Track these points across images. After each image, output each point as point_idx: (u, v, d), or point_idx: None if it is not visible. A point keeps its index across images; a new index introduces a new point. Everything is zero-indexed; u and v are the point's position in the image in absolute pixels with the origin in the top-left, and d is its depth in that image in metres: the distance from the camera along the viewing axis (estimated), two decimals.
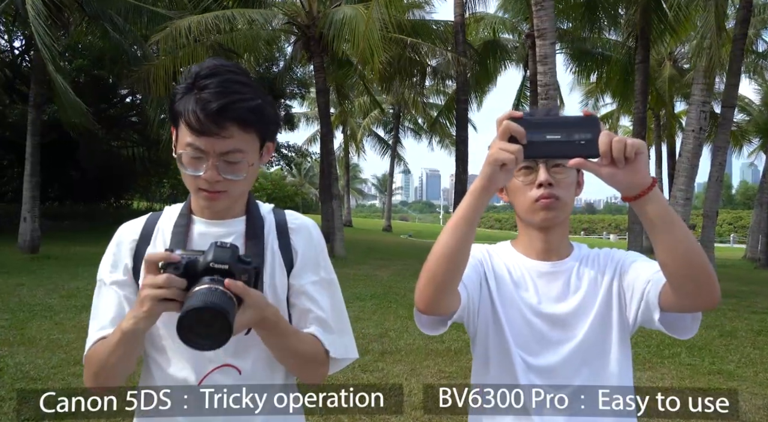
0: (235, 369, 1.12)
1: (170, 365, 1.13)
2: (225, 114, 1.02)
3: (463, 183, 14.30)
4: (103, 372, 1.07)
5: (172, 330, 1.09)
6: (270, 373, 1.16)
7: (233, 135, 1.04)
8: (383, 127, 35.07)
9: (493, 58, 18.25)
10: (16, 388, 4.12)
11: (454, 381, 4.75)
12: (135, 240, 1.18)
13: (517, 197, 1.27)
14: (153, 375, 1.15)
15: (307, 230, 1.23)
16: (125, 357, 1.05)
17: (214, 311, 0.89)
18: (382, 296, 8.90)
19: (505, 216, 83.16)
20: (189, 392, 1.10)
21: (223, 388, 1.11)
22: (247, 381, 1.12)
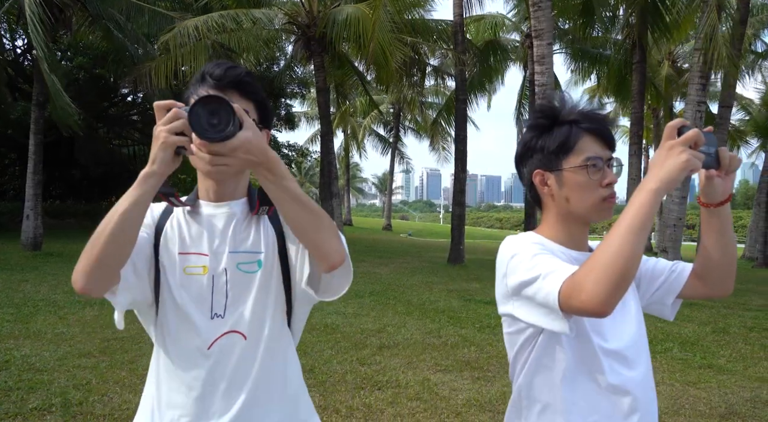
0: (240, 334, 1.23)
1: (183, 334, 1.24)
2: (225, 78, 1.22)
3: (462, 181, 14.39)
4: (106, 232, 1.07)
5: (183, 300, 1.23)
6: (272, 339, 1.26)
7: (235, 100, 1.15)
8: (384, 126, 35.18)
9: (495, 57, 18.34)
10: (23, 379, 4.24)
11: (450, 375, 4.87)
12: (158, 213, 1.31)
13: (581, 193, 1.26)
14: (166, 344, 1.26)
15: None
16: (135, 206, 1.07)
17: (219, 99, 0.99)
18: (381, 293, 9.02)
19: (506, 215, 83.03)
20: (199, 356, 1.22)
21: (229, 352, 1.22)
22: (252, 345, 1.24)
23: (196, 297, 1.23)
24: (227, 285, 1.23)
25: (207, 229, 1.26)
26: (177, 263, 1.24)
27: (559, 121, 1.29)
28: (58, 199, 24.30)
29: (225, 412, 1.22)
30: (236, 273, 1.24)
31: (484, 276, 12.11)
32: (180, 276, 1.24)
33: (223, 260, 1.24)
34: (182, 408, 1.23)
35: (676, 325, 7.45)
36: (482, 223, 75.30)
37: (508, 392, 4.65)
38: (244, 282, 1.24)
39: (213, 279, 1.23)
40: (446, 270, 13.16)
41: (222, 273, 1.23)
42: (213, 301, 1.23)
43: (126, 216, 1.06)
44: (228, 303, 1.23)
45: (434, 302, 8.48)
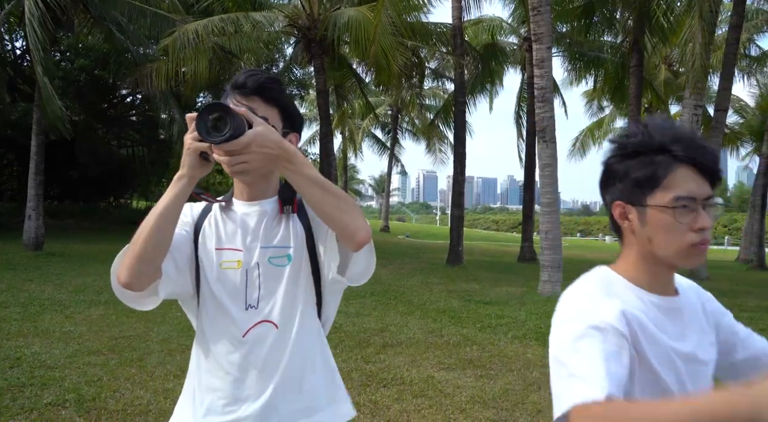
0: (272, 324, 1.33)
1: (219, 323, 1.34)
2: (248, 83, 1.31)
3: (460, 183, 14.50)
4: (146, 232, 1.18)
5: (219, 292, 1.33)
6: (302, 328, 1.36)
7: (258, 108, 1.29)
8: (381, 128, 35.29)
9: (494, 60, 18.47)
10: (36, 375, 4.32)
11: (454, 372, 4.97)
12: (198, 213, 1.41)
13: (666, 236, 1.07)
14: (205, 332, 1.36)
15: None
16: (170, 207, 1.18)
17: (220, 105, 1.11)
18: (382, 293, 9.10)
19: (502, 217, 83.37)
20: (235, 344, 1.32)
21: (262, 339, 1.32)
22: (283, 333, 1.33)
23: (231, 290, 1.33)
24: (260, 278, 1.33)
25: (241, 227, 1.36)
26: (213, 258, 1.35)
27: (649, 147, 1.08)
28: (56, 200, 24.31)
29: (259, 395, 1.31)
30: (268, 267, 1.33)
31: (482, 277, 12.21)
32: (217, 270, 1.34)
33: (256, 255, 1.34)
34: (220, 391, 1.32)
35: None
36: (479, 225, 75.53)
37: (511, 389, 4.74)
38: (275, 276, 1.34)
39: (246, 273, 1.33)
40: (445, 271, 13.26)
41: (255, 267, 1.33)
42: (247, 293, 1.33)
43: (162, 216, 1.18)
44: (261, 295, 1.33)
45: (435, 302, 8.58)
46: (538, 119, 9.87)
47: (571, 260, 19.11)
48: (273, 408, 1.31)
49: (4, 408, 3.68)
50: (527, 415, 4.04)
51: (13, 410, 3.65)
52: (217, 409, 1.32)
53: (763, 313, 8.96)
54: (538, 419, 3.98)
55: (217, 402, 1.32)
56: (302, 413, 1.35)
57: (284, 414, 1.32)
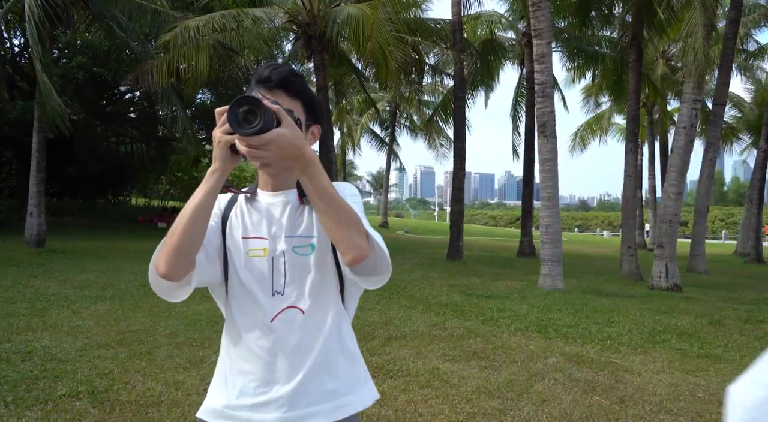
0: (299, 309, 1.39)
1: (248, 309, 1.40)
2: (272, 77, 1.35)
3: (460, 179, 14.56)
4: (182, 224, 1.21)
5: (247, 280, 1.39)
6: (327, 312, 1.42)
7: (283, 101, 1.31)
8: (380, 124, 35.32)
9: (493, 55, 18.51)
10: (48, 368, 4.38)
11: (458, 364, 5.04)
12: (224, 204, 1.46)
13: None
14: (235, 318, 1.41)
15: (340, 186, 1.47)
16: (205, 199, 1.22)
17: (253, 99, 1.13)
18: (384, 288, 9.13)
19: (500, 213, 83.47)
20: (263, 329, 1.38)
21: (289, 324, 1.38)
22: (309, 318, 1.39)
23: (258, 277, 1.39)
24: (285, 265, 1.38)
25: (266, 216, 1.42)
26: (241, 247, 1.40)
27: None
28: (55, 197, 24.32)
29: (289, 377, 1.37)
30: (293, 256, 1.39)
31: (483, 272, 12.30)
32: (244, 258, 1.40)
33: (281, 243, 1.39)
34: (251, 374, 1.38)
35: (674, 318, 7.66)
36: (476, 221, 75.66)
37: (515, 380, 4.83)
38: (300, 264, 1.39)
39: (272, 260, 1.39)
40: (446, 266, 13.34)
41: (280, 255, 1.39)
42: (273, 280, 1.38)
43: (197, 209, 1.22)
44: (286, 282, 1.38)
45: (437, 296, 8.65)
46: (538, 114, 9.94)
47: (570, 255, 19.20)
48: (303, 391, 1.37)
49: (20, 399, 3.73)
50: (532, 404, 4.11)
51: (28, 401, 3.71)
52: (249, 391, 1.38)
53: (761, 305, 9.06)
54: (542, 408, 4.05)
55: (249, 385, 1.38)
56: (331, 395, 1.41)
57: (314, 396, 1.38)
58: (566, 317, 7.38)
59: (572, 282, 10.86)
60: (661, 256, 10.59)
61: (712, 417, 4.03)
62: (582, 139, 29.03)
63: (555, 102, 10.40)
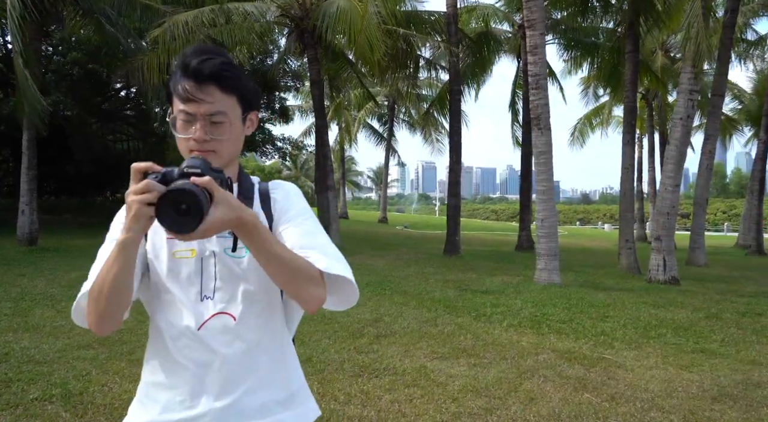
0: (230, 316, 1.25)
1: (173, 315, 1.26)
2: (203, 70, 1.19)
3: (457, 173, 14.43)
4: (102, 296, 1.11)
5: (172, 283, 1.26)
6: (263, 321, 1.29)
7: (215, 99, 1.20)
8: (378, 119, 35.14)
9: (488, 48, 18.33)
10: (23, 371, 4.27)
11: (447, 362, 4.93)
12: None
13: None
14: (159, 326, 1.28)
15: (284, 187, 1.37)
16: (122, 271, 1.09)
17: (184, 193, 0.98)
18: (378, 284, 9.06)
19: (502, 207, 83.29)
20: (191, 337, 1.24)
21: (219, 332, 1.25)
22: (242, 326, 1.26)
23: (185, 280, 1.26)
24: (215, 267, 1.25)
25: None
26: (165, 248, 1.27)
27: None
28: (53, 195, 24.23)
29: (219, 391, 1.24)
30: (224, 257, 1.25)
31: (479, 267, 12.19)
32: (169, 260, 1.26)
33: (211, 243, 1.26)
34: (178, 387, 1.25)
35: (670, 311, 7.54)
36: (478, 215, 75.52)
37: (504, 378, 4.71)
38: (232, 267, 1.26)
39: (201, 261, 1.26)
40: (442, 261, 13.23)
41: (210, 256, 1.25)
42: (202, 284, 1.25)
43: (116, 281, 1.10)
44: (217, 285, 1.25)
45: (430, 292, 8.54)
46: (532, 106, 9.80)
47: (569, 248, 19.09)
48: (236, 407, 1.25)
49: None
50: (519, 403, 4.00)
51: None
52: (175, 406, 1.25)
53: (760, 298, 8.94)
54: (530, 407, 3.94)
55: (175, 399, 1.25)
56: (265, 410, 1.28)
57: (247, 411, 1.26)
58: (561, 312, 7.27)
59: (569, 277, 10.74)
60: (658, 249, 10.46)
61: (704, 414, 3.92)
62: (581, 132, 28.84)
63: (551, 94, 10.26)
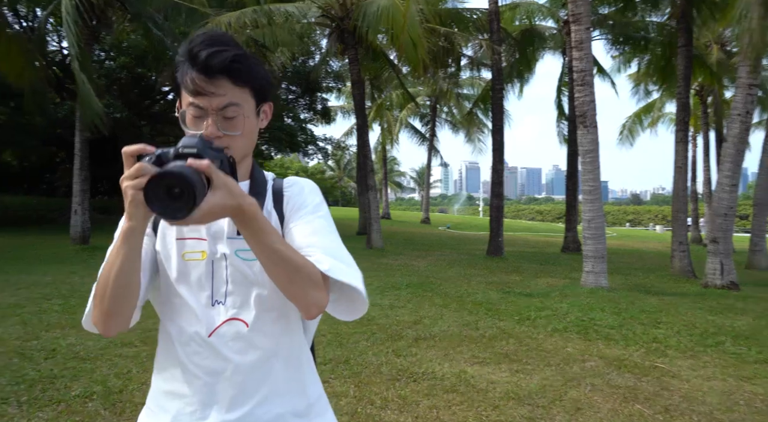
0: (242, 322, 1.17)
1: (183, 320, 1.19)
2: (213, 64, 1.10)
3: (499, 173, 14.14)
4: (107, 291, 1.04)
5: (182, 286, 1.18)
6: (278, 328, 1.20)
7: (227, 91, 1.11)
8: (420, 119, 34.95)
9: (532, 45, 17.92)
10: (68, 367, 4.36)
11: (488, 367, 4.76)
12: None
13: None
14: (169, 332, 1.21)
15: (299, 184, 1.27)
16: (127, 263, 1.02)
17: (175, 176, 0.88)
18: (418, 285, 8.94)
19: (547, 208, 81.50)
20: (201, 343, 1.17)
21: (231, 340, 1.16)
22: (255, 333, 1.17)
23: (195, 284, 1.18)
24: (227, 270, 1.18)
25: None
26: (175, 249, 1.20)
27: None
28: (105, 195, 25.11)
29: (231, 401, 1.16)
30: (236, 260, 1.17)
31: (523, 269, 11.89)
32: (178, 262, 1.19)
33: (222, 245, 1.18)
34: (187, 397, 1.18)
35: (729, 318, 7.12)
36: (523, 216, 74.30)
37: (548, 385, 4.49)
38: (245, 270, 1.18)
39: (213, 264, 1.18)
40: (485, 262, 12.99)
41: (221, 259, 1.18)
42: (213, 288, 1.18)
43: (121, 274, 1.03)
44: (228, 290, 1.17)
45: (472, 294, 8.36)
46: (577, 103, 9.48)
47: (617, 251, 18.47)
48: (247, 417, 1.17)
49: (34, 399, 3.70)
50: (565, 413, 3.81)
51: (42, 401, 3.67)
52: (185, 417, 1.18)
53: None
54: (576, 417, 3.75)
55: (185, 410, 1.18)
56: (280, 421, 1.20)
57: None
58: (609, 317, 6.96)
59: (618, 280, 10.34)
60: (715, 252, 9.94)
61: None
62: (631, 130, 27.88)
63: (599, 91, 9.89)
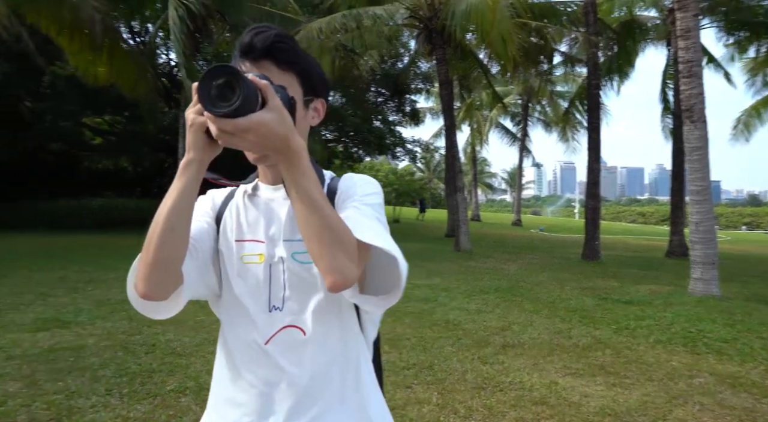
0: (299, 330, 1.13)
1: (240, 326, 1.16)
2: (256, 43, 1.07)
3: (595, 173, 13.43)
4: (156, 233, 0.98)
5: (241, 290, 1.15)
6: (336, 337, 1.15)
7: (272, 75, 1.06)
8: (511, 118, 34.09)
9: (632, 37, 16.88)
10: (165, 362, 4.59)
11: (581, 379, 4.47)
12: (220, 200, 1.25)
13: None
14: (226, 337, 1.19)
15: (352, 178, 1.20)
16: (180, 198, 0.98)
17: (230, 70, 0.86)
18: (507, 290, 8.65)
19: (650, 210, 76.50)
20: (258, 351, 1.13)
21: (287, 348, 1.12)
22: (312, 342, 1.12)
23: (253, 288, 1.14)
24: (284, 274, 1.13)
25: (264, 214, 1.16)
26: (234, 251, 1.17)
27: None
28: None
29: (290, 414, 1.12)
30: (293, 264, 1.12)
31: (623, 274, 11.20)
32: (237, 264, 1.16)
33: (279, 248, 1.14)
34: (244, 406, 1.15)
35: None
36: (623, 218, 70.49)
37: (650, 402, 4.14)
38: (302, 274, 1.12)
39: (270, 268, 1.14)
40: (580, 266, 12.38)
41: (279, 263, 1.13)
42: (271, 292, 1.14)
43: (173, 211, 0.98)
44: (286, 295, 1.13)
45: (565, 300, 7.96)
46: (683, 97, 8.78)
47: (732, 256, 16.97)
48: None
49: (133, 392, 3.91)
50: None
51: (140, 394, 3.88)
52: None
53: None
54: None
55: (243, 420, 1.15)
56: None
57: None
58: (721, 329, 6.35)
59: (733, 289, 9.45)
60: None
61: None
62: (746, 124, 25.53)
63: (708, 83, 9.10)
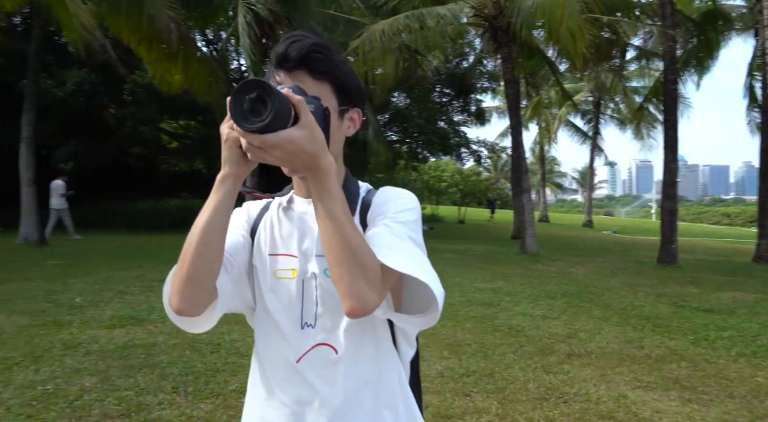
0: (331, 348, 1.10)
1: (273, 343, 1.15)
2: (291, 52, 1.05)
3: (672, 172, 12.71)
4: (191, 247, 0.98)
5: (274, 306, 1.14)
6: (369, 356, 1.11)
7: (307, 87, 1.03)
8: (581, 116, 32.93)
9: (714, 28, 15.87)
10: (229, 362, 4.71)
11: (653, 393, 4.22)
12: (255, 213, 1.25)
13: None
14: (259, 353, 1.19)
15: (387, 192, 1.16)
16: (216, 212, 0.98)
17: (261, 84, 0.87)
18: (575, 295, 8.33)
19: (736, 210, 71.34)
20: (290, 369, 1.11)
21: (319, 367, 1.10)
22: (344, 361, 1.10)
23: (286, 304, 1.13)
24: (317, 291, 1.11)
25: (298, 228, 1.15)
26: (267, 265, 1.16)
27: None
28: None
29: None
30: (325, 280, 1.10)
31: (703, 280, 10.53)
32: (271, 279, 1.15)
33: (312, 263, 1.12)
34: None
35: None
36: (705, 219, 66.46)
37: (730, 420, 3.85)
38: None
39: (303, 284, 1.12)
40: (655, 271, 11.76)
41: (311, 278, 1.11)
42: (303, 309, 1.12)
43: (207, 226, 0.98)
44: (318, 312, 1.11)
45: (638, 307, 7.57)
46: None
47: None
48: None
49: (197, 391, 4.04)
50: None
51: (204, 393, 4.00)
52: None
53: None
54: None
55: None
56: None
57: None
58: None
59: None
60: None
61: None
62: None
63: None
